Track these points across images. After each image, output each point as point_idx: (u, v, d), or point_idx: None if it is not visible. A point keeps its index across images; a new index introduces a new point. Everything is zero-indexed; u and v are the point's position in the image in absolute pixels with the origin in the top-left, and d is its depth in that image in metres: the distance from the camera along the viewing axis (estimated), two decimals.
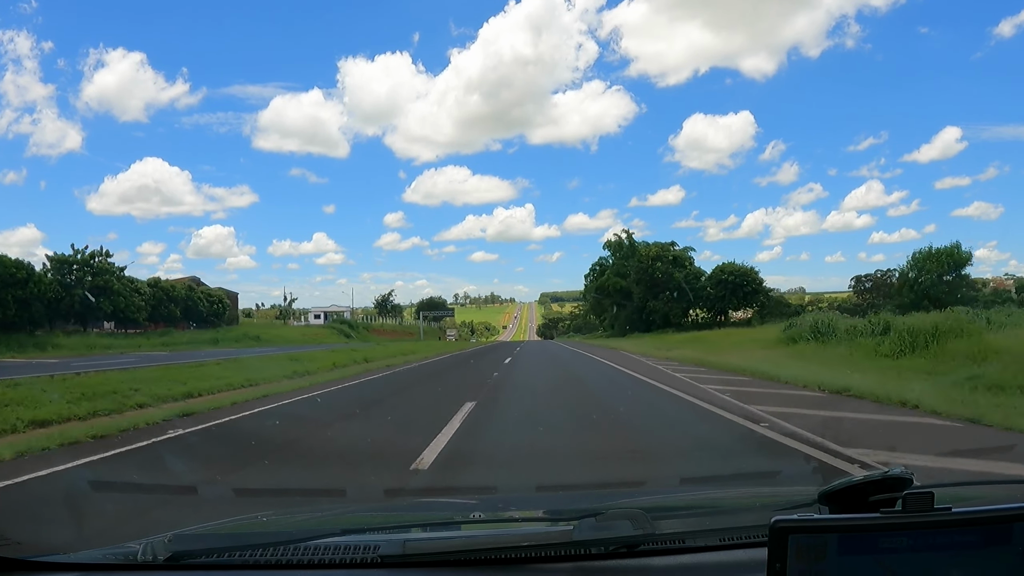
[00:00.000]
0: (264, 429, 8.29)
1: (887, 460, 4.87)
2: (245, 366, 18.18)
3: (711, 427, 7.63)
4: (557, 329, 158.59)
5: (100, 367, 17.48)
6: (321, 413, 10.19)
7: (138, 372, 14.81)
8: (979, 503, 1.32)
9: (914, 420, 7.31)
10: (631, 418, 8.93)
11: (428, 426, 7.36)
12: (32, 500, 4.64)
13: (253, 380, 14.09)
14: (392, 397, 12.56)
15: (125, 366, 17.57)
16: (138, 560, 1.50)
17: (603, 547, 1.46)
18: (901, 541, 1.14)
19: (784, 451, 5.72)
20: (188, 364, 17.79)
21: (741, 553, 1.44)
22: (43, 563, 1.55)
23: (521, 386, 14.15)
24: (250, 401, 10.91)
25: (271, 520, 2.33)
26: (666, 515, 1.80)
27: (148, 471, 5.66)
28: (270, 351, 30.20)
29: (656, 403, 10.47)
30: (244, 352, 30.73)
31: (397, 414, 9.76)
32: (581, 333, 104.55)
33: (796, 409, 8.29)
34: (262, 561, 1.49)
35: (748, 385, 12.13)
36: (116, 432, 7.30)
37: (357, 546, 1.50)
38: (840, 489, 1.29)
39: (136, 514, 3.88)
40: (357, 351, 28.51)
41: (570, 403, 11.02)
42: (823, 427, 6.60)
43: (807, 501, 1.50)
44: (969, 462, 5.27)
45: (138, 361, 21.71)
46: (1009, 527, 1.15)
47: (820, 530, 1.14)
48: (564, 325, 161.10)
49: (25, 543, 1.69)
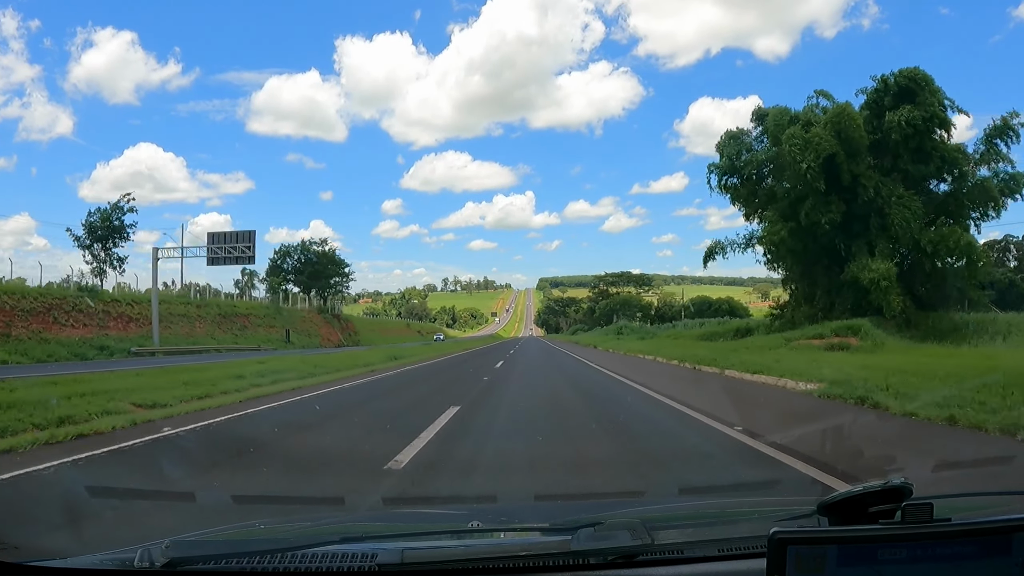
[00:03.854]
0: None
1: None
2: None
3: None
4: (566, 318, 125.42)
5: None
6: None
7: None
8: (978, 514, 1.32)
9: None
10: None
11: None
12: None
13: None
14: None
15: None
16: (135, 567, 1.49)
17: (601, 557, 1.45)
18: (900, 552, 1.14)
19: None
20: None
21: (740, 564, 1.44)
22: (40, 568, 1.55)
23: None
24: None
25: (269, 528, 2.32)
26: (665, 525, 1.79)
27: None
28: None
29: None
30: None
31: None
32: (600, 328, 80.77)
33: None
34: (260, 569, 1.49)
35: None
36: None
37: (355, 554, 1.50)
38: (839, 500, 1.29)
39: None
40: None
41: None
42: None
43: (806, 512, 1.50)
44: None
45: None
46: (1008, 538, 1.15)
47: (819, 541, 1.14)
48: (575, 313, 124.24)
49: (23, 547, 1.68)
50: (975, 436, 6.20)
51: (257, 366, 17.00)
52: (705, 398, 10.22)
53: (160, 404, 9.52)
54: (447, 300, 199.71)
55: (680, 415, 8.73)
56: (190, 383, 12.14)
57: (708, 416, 8.10)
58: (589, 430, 7.75)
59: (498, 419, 8.97)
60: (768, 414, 8.85)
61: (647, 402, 10.72)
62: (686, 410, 8.96)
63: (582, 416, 9.22)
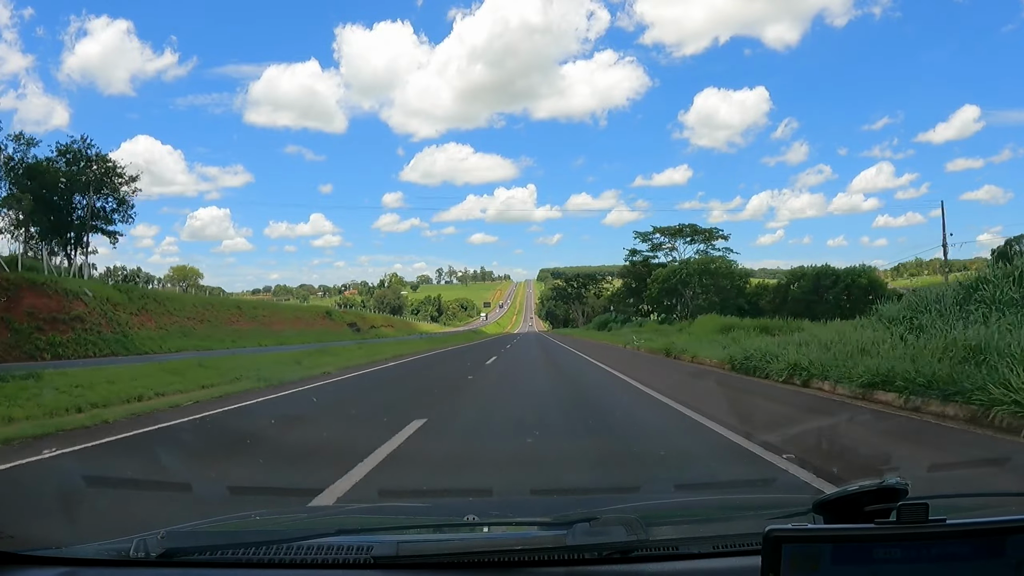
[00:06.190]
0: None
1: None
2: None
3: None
4: (583, 305, 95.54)
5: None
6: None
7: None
8: (974, 515, 1.32)
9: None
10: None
11: None
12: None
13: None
14: None
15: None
16: (131, 556, 1.50)
17: (597, 552, 1.46)
18: (895, 552, 1.14)
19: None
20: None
21: (735, 561, 1.44)
22: (35, 557, 1.55)
23: None
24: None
25: (265, 519, 2.32)
26: (660, 521, 1.80)
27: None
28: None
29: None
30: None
31: None
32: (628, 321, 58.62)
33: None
34: (255, 559, 1.49)
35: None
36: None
37: (351, 546, 1.50)
38: (835, 499, 1.29)
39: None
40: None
41: None
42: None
43: (802, 510, 1.50)
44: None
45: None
46: (1003, 539, 1.15)
47: (814, 539, 1.14)
48: (595, 298, 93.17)
49: (18, 537, 1.68)
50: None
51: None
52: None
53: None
54: (437, 291, 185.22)
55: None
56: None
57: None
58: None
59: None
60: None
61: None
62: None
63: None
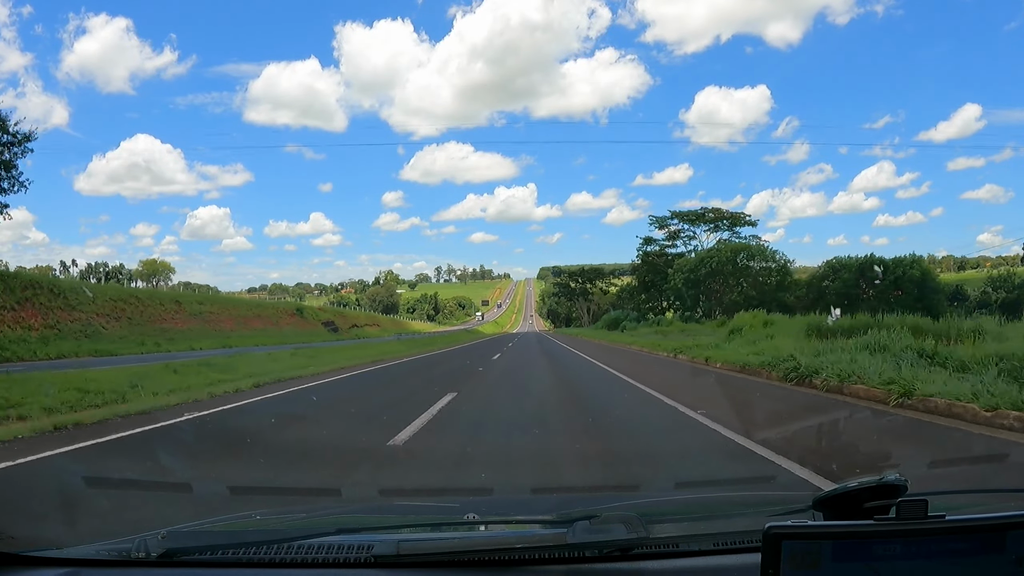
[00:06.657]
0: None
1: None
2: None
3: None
4: (588, 302, 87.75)
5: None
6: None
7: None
8: (973, 511, 1.32)
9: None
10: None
11: None
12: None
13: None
14: None
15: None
16: (131, 556, 1.50)
17: (597, 550, 1.46)
18: (895, 548, 1.14)
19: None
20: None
21: (735, 558, 1.44)
22: (36, 558, 1.55)
23: None
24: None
25: (265, 518, 2.32)
26: (661, 519, 1.80)
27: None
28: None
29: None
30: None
31: None
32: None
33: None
34: (256, 559, 1.49)
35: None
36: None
37: (351, 546, 1.50)
38: (835, 496, 1.29)
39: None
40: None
41: None
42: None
43: (801, 507, 1.50)
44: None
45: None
46: (1003, 535, 1.15)
47: (814, 536, 1.14)
48: (602, 295, 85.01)
49: (19, 537, 1.69)
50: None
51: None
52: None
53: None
54: (435, 289, 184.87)
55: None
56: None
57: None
58: None
59: None
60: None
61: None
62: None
63: None
